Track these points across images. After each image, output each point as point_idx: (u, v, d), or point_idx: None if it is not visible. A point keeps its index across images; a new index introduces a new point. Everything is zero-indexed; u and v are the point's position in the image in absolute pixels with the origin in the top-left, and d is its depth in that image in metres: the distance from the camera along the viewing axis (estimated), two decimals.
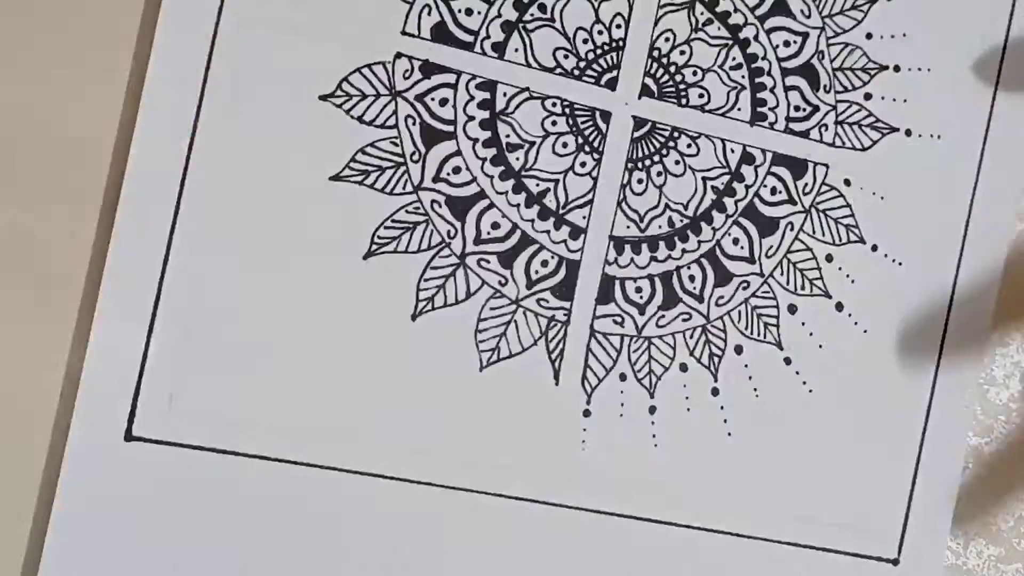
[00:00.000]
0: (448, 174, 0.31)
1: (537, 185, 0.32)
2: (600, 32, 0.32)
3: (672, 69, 0.32)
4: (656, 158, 0.32)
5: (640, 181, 0.32)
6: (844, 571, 0.34)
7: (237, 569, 0.30)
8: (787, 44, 0.33)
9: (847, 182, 0.34)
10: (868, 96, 0.34)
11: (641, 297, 0.32)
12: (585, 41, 0.32)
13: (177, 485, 0.29)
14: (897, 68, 0.34)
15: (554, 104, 0.32)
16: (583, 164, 0.32)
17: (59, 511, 0.28)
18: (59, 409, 0.28)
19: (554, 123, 0.32)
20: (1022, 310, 0.36)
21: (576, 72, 0.32)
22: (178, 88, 0.29)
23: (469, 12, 0.31)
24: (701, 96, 0.33)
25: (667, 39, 0.32)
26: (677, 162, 0.33)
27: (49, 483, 0.29)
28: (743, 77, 0.33)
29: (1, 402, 0.28)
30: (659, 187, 0.32)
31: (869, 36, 0.34)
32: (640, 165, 0.32)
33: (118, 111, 0.28)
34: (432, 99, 0.31)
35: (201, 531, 0.29)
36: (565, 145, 0.32)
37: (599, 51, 0.32)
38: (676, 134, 0.32)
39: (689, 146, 0.33)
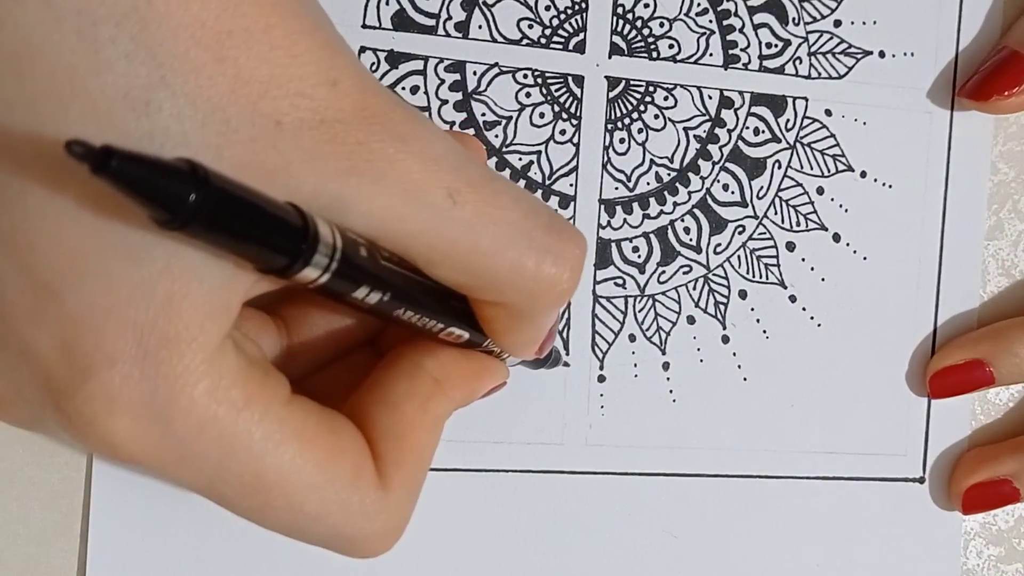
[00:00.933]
0: None
1: (520, 159, 0.31)
2: None
3: (639, 24, 0.32)
4: (635, 115, 0.32)
5: (622, 141, 0.32)
6: (873, 496, 0.35)
7: (273, 566, 0.30)
8: None
9: (828, 112, 0.34)
10: (838, 23, 0.34)
11: (639, 256, 0.32)
12: (547, 8, 0.31)
13: (204, 503, 0.29)
14: None
15: (525, 76, 0.31)
16: (563, 132, 0.32)
17: (94, 546, 0.28)
18: None
19: (528, 95, 0.31)
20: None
21: (543, 40, 0.31)
22: None
23: None
24: (671, 47, 0.32)
25: None
26: (656, 116, 0.32)
27: (83, 519, 0.29)
28: (711, 22, 0.33)
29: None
30: (642, 144, 0.32)
31: None
32: (620, 125, 0.32)
33: None
34: (403, 88, 0.30)
35: (234, 545, 0.30)
36: (542, 115, 0.31)
37: (563, 16, 0.31)
38: (651, 88, 0.32)
39: (666, 99, 0.32)
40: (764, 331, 0.33)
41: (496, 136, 0.31)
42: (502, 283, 0.22)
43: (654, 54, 0.32)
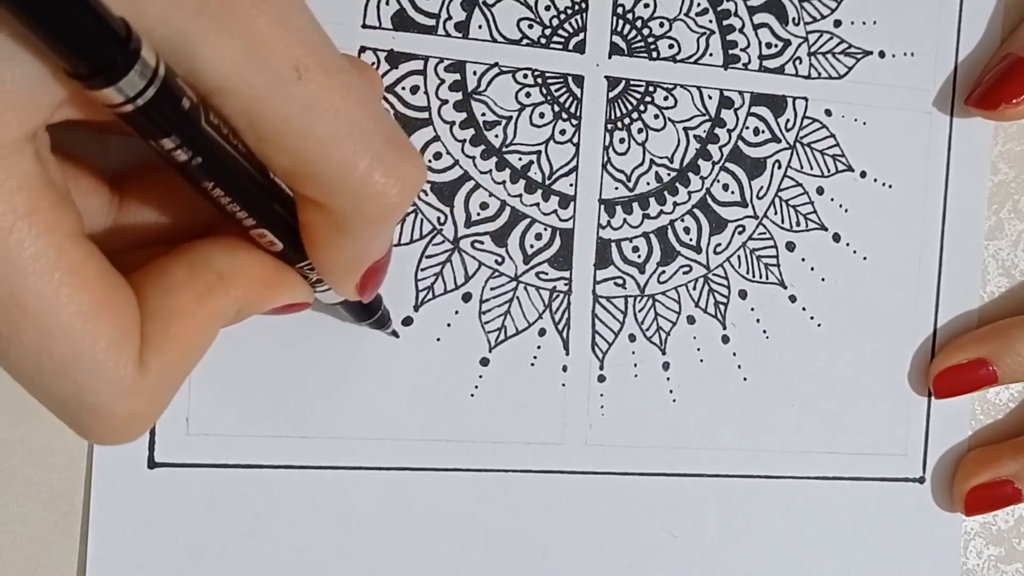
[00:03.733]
0: (430, 160, 0.31)
1: (520, 159, 0.31)
2: None
3: (639, 24, 0.32)
4: (635, 115, 0.32)
5: (622, 141, 0.32)
6: (873, 496, 0.35)
7: (273, 566, 0.30)
8: None
9: (828, 112, 0.34)
10: (838, 23, 0.34)
11: (639, 256, 0.32)
12: (547, 8, 0.31)
13: (204, 503, 0.29)
14: None
15: (525, 75, 0.31)
16: (563, 132, 0.32)
17: (94, 546, 0.28)
18: (84, 447, 0.29)
19: (528, 95, 0.31)
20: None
21: (543, 40, 0.31)
22: None
23: None
24: (671, 47, 0.32)
25: None
26: (656, 116, 0.32)
27: (83, 519, 0.29)
28: (711, 22, 0.33)
29: (35, 450, 0.28)
30: (642, 144, 0.32)
31: None
32: (620, 125, 0.32)
33: None
34: (403, 88, 0.30)
35: (234, 545, 0.30)
36: (542, 115, 0.31)
37: (563, 16, 0.31)
38: (651, 88, 0.32)
39: (666, 98, 0.32)
40: (764, 331, 0.33)
41: (496, 136, 0.31)
42: (328, 178, 0.21)
43: (654, 54, 0.32)
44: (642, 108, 0.32)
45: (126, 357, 0.21)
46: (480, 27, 0.31)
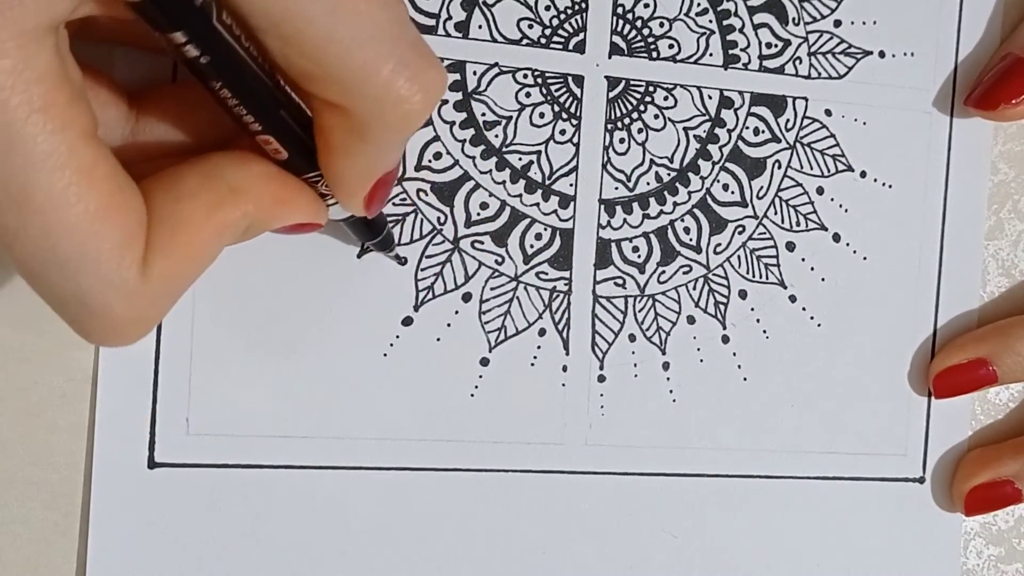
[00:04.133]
0: (430, 161, 0.31)
1: (520, 159, 0.31)
2: None
3: (639, 24, 0.32)
4: (635, 115, 0.32)
5: (622, 141, 0.32)
6: (873, 496, 0.35)
7: (273, 566, 0.30)
8: None
9: (828, 112, 0.34)
10: (838, 23, 0.34)
11: (639, 256, 0.32)
12: (547, 8, 0.31)
13: (204, 503, 0.29)
14: None
15: (525, 75, 0.31)
16: (563, 132, 0.32)
17: (94, 546, 0.28)
18: (84, 447, 0.29)
19: (528, 95, 0.31)
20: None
21: (543, 40, 0.31)
22: None
23: None
24: (671, 47, 0.32)
25: None
26: (656, 116, 0.32)
27: (83, 519, 0.29)
28: (711, 22, 0.33)
29: (33, 454, 0.28)
30: (642, 144, 0.32)
31: None
32: (620, 125, 0.32)
33: None
34: None
35: (234, 545, 0.30)
36: (542, 115, 0.31)
37: (563, 16, 0.31)
38: (651, 88, 0.32)
39: (666, 99, 0.32)
40: (764, 331, 0.33)
41: (496, 136, 0.31)
42: (349, 81, 0.21)
43: (654, 54, 0.32)
44: (642, 108, 0.32)
45: (130, 260, 0.21)
46: (480, 27, 0.31)
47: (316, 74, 0.21)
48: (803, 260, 0.34)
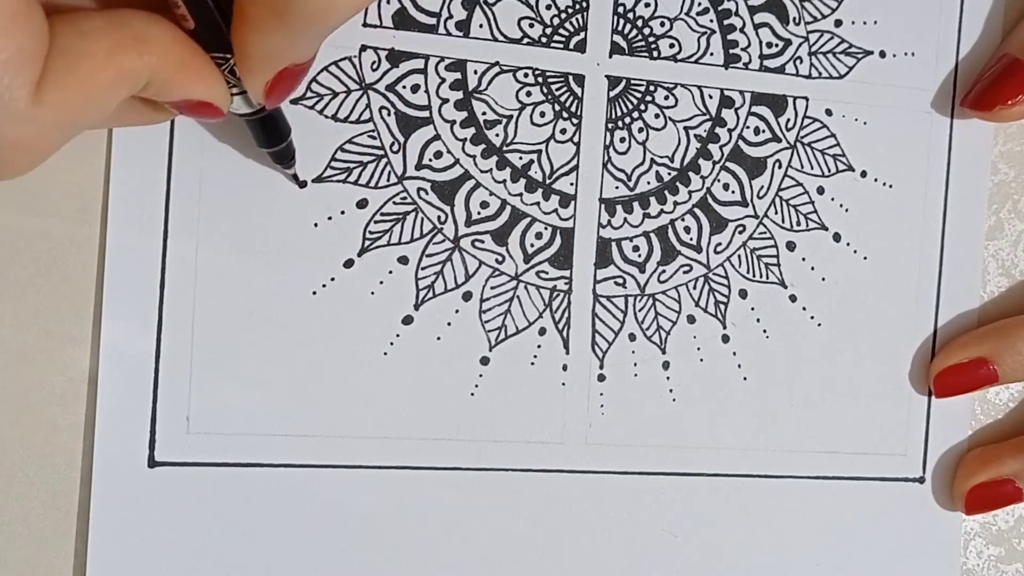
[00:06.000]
0: (430, 159, 0.31)
1: (520, 158, 0.31)
2: None
3: (639, 23, 0.32)
4: (635, 115, 0.32)
5: (622, 140, 0.32)
6: (873, 496, 0.35)
7: (273, 566, 0.30)
8: None
9: (828, 112, 0.34)
10: (838, 23, 0.34)
11: (639, 256, 0.32)
12: (548, 7, 0.31)
13: (204, 502, 0.29)
14: None
15: (526, 75, 0.31)
16: (563, 131, 0.32)
17: (94, 546, 0.28)
18: (83, 447, 0.29)
19: (529, 94, 0.31)
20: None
21: (544, 39, 0.31)
22: None
23: None
24: (672, 46, 0.32)
25: None
26: (657, 116, 0.32)
27: (83, 519, 0.29)
28: (711, 21, 0.33)
29: (33, 449, 0.28)
30: (642, 143, 0.32)
31: None
32: (620, 124, 0.32)
33: None
34: (403, 87, 0.30)
35: (234, 544, 0.30)
36: (543, 114, 0.31)
37: (564, 15, 0.31)
38: (652, 88, 0.32)
39: (667, 98, 0.32)
40: (764, 331, 0.33)
41: (497, 135, 0.31)
42: None
43: (655, 53, 0.32)
44: (643, 107, 0.32)
45: (23, 79, 0.20)
46: (481, 26, 0.31)
47: None
48: (803, 260, 0.34)
